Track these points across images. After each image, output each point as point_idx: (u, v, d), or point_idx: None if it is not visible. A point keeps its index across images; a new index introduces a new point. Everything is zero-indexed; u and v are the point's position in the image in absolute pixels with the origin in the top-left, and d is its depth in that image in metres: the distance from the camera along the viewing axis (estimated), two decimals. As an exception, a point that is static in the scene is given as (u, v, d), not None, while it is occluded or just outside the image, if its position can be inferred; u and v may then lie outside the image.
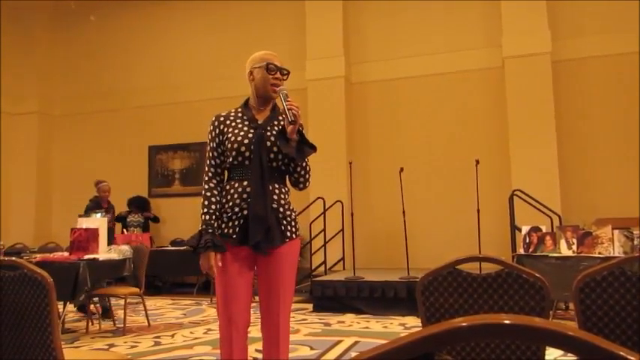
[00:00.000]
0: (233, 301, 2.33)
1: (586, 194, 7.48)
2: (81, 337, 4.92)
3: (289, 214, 2.36)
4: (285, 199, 2.37)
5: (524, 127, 7.56)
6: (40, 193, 10.35)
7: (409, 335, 0.61)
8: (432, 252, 7.41)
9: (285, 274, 2.34)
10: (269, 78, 2.41)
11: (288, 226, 2.35)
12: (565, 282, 4.31)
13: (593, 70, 7.70)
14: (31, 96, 10.44)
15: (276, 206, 2.32)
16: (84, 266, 4.82)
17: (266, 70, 2.42)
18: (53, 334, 1.81)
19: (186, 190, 9.67)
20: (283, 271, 2.33)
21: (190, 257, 9.04)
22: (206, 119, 10.20)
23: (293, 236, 2.35)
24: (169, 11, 10.06)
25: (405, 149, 8.35)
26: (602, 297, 1.43)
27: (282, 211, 2.34)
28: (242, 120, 2.45)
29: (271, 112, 2.49)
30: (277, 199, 2.33)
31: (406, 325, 5.37)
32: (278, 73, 2.44)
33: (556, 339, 0.57)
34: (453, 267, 1.62)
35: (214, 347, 4.43)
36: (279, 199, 2.34)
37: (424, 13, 8.56)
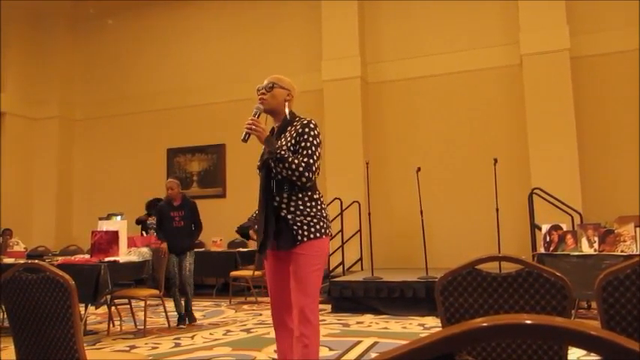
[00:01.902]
0: (271, 293, 2.74)
1: (607, 192, 7.36)
2: (102, 339, 4.99)
3: (301, 219, 2.57)
4: (295, 205, 2.59)
5: (543, 125, 7.46)
6: (61, 197, 10.51)
7: (430, 336, 0.60)
8: (451, 252, 7.36)
9: (299, 271, 2.56)
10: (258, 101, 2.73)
11: (300, 230, 2.56)
12: (587, 281, 4.25)
13: (614, 66, 7.57)
14: (52, 101, 10.62)
15: (285, 213, 2.58)
16: (105, 268, 4.89)
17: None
18: (76, 336, 1.84)
19: (205, 192, 9.74)
20: (297, 269, 2.57)
21: (209, 259, 9.06)
22: (223, 121, 10.30)
23: (304, 239, 2.56)
24: (186, 15, 10.15)
25: (422, 149, 8.31)
26: (626, 295, 1.41)
27: (292, 217, 2.57)
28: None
29: (280, 128, 2.75)
30: (286, 206, 2.59)
31: (425, 325, 5.35)
32: (263, 90, 2.75)
33: (578, 338, 0.57)
34: (472, 267, 1.61)
35: (234, 348, 4.45)
36: (288, 207, 2.59)
37: (440, 11, 8.51)
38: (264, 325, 5.49)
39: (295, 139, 2.62)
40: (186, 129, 9.92)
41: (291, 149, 2.61)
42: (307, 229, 2.57)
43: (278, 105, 2.73)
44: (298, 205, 2.60)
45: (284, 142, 2.63)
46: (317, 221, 2.61)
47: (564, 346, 1.45)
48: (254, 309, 6.68)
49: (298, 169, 2.53)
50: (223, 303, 7.27)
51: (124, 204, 9.28)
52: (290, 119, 2.73)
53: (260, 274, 7.30)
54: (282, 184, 2.61)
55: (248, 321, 5.79)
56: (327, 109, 8.45)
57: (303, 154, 2.58)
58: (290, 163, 2.53)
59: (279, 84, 2.77)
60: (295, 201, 2.60)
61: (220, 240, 8.54)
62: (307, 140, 2.61)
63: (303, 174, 2.54)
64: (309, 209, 2.60)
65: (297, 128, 2.66)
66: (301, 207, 2.60)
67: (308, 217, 2.59)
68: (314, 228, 2.58)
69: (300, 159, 2.56)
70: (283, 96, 2.76)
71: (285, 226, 2.58)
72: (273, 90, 2.73)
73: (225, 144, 9.63)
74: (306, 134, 2.62)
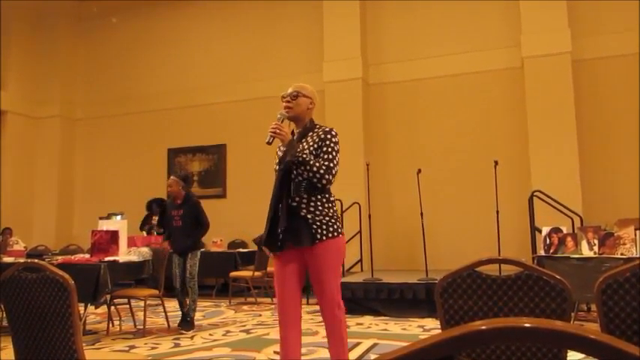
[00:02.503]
0: (278, 290, 2.86)
1: (607, 194, 7.36)
2: (102, 339, 4.99)
3: (320, 219, 2.77)
4: (314, 206, 2.78)
5: (544, 128, 7.47)
6: (61, 196, 10.52)
7: (429, 338, 0.60)
8: (452, 253, 7.35)
9: (321, 267, 2.77)
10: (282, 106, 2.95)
11: (319, 229, 2.75)
12: (587, 283, 4.24)
13: (615, 70, 7.57)
14: (54, 100, 10.63)
15: (305, 213, 2.76)
16: (104, 268, 4.89)
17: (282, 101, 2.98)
18: (75, 336, 1.84)
19: (205, 192, 9.74)
20: (320, 265, 2.77)
21: (209, 259, 9.05)
22: (224, 121, 10.31)
23: (323, 238, 2.75)
24: (189, 15, 10.16)
25: (423, 150, 8.31)
26: (625, 299, 1.40)
27: (310, 217, 2.76)
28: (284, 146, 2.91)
29: (300, 133, 2.95)
30: (305, 206, 2.77)
31: (425, 327, 5.34)
32: (287, 97, 2.96)
33: (577, 342, 0.57)
34: (472, 269, 1.61)
35: (233, 349, 4.45)
36: (307, 207, 2.77)
37: (442, 13, 8.51)
38: (263, 326, 5.48)
39: (317, 144, 2.83)
40: (188, 129, 9.93)
41: (313, 153, 2.81)
42: (326, 228, 2.77)
43: (301, 112, 2.94)
44: (317, 205, 2.79)
45: (305, 147, 2.84)
46: (334, 221, 2.82)
47: (563, 349, 1.45)
48: (254, 309, 6.68)
49: (319, 171, 2.74)
50: (223, 303, 7.27)
51: (124, 203, 9.29)
52: (311, 126, 2.95)
53: (260, 275, 7.31)
54: (301, 185, 2.79)
55: (248, 322, 5.79)
56: (328, 111, 8.45)
57: (324, 158, 2.79)
58: (312, 166, 2.73)
59: (303, 92, 2.98)
60: (314, 202, 2.79)
61: (220, 240, 8.54)
62: (329, 146, 2.82)
63: (324, 176, 2.75)
64: (327, 210, 2.81)
65: (319, 134, 2.86)
66: (320, 207, 2.79)
67: (327, 217, 2.79)
68: (332, 227, 2.79)
69: (321, 162, 2.76)
70: (306, 104, 2.97)
71: (305, 225, 2.75)
72: (297, 98, 2.94)
73: (226, 144, 9.64)
74: (328, 140, 2.83)
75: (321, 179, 2.75)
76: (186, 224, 5.46)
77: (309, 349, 4.39)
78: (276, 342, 4.68)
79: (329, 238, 2.77)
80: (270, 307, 6.90)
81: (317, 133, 2.89)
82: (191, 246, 5.46)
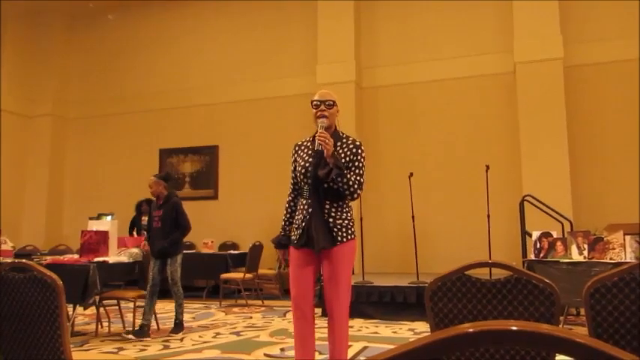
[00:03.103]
0: (295, 286, 3.03)
1: (597, 200, 7.41)
2: (90, 340, 4.95)
3: (340, 223, 2.99)
4: (336, 211, 3.00)
5: (536, 132, 7.51)
6: (52, 195, 10.44)
7: (417, 340, 0.60)
8: (443, 257, 7.38)
9: (338, 268, 2.97)
10: (314, 112, 3.04)
11: (339, 232, 2.97)
12: (576, 288, 4.27)
13: (606, 76, 7.64)
14: (46, 98, 10.57)
15: (327, 217, 2.98)
16: (94, 269, 4.85)
17: (314, 107, 3.07)
18: (62, 337, 1.82)
19: (197, 193, 9.71)
20: (337, 265, 2.97)
21: (200, 261, 8.99)
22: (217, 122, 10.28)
23: (344, 240, 2.97)
24: (184, 16, 10.14)
25: (415, 154, 8.33)
26: (613, 303, 1.41)
27: (333, 221, 2.98)
28: (308, 148, 3.10)
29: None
30: (328, 211, 2.99)
31: (415, 330, 5.35)
32: (322, 106, 3.04)
33: (563, 346, 0.57)
34: (461, 272, 1.61)
35: (223, 351, 4.43)
36: (329, 211, 2.99)
37: (435, 18, 8.55)
38: (254, 329, 5.47)
39: (349, 157, 3.00)
40: (180, 130, 9.90)
41: (346, 165, 2.99)
42: (345, 232, 3.00)
43: (333, 121, 3.09)
44: (338, 210, 3.01)
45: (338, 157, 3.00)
46: (351, 225, 3.05)
47: (551, 353, 1.45)
48: (244, 312, 6.66)
49: (354, 185, 2.95)
50: (213, 305, 7.24)
51: (115, 204, 9.23)
52: (339, 135, 3.10)
53: (251, 277, 7.30)
54: (331, 193, 2.99)
55: (238, 324, 5.77)
56: (320, 113, 8.45)
57: (356, 173, 2.98)
58: (348, 180, 2.93)
59: (335, 100, 3.11)
60: (336, 207, 3.01)
61: (211, 242, 8.51)
62: (360, 161, 3.02)
63: (357, 190, 2.97)
64: (345, 214, 3.03)
65: (350, 147, 3.03)
66: (340, 212, 3.01)
67: (345, 221, 3.01)
68: (350, 230, 3.02)
69: (355, 177, 2.96)
70: (336, 112, 3.12)
71: (327, 228, 2.97)
72: (332, 107, 3.07)
73: (219, 145, 9.61)
74: (359, 155, 3.02)
75: (353, 193, 2.96)
76: (165, 225, 5.21)
77: (299, 352, 4.37)
78: (266, 344, 4.67)
79: (347, 240, 2.99)
80: (261, 309, 6.88)
81: (347, 144, 3.05)
82: (170, 250, 5.17)
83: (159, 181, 5.40)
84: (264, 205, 9.08)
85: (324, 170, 2.93)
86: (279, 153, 9.12)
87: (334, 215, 3.00)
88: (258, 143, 9.31)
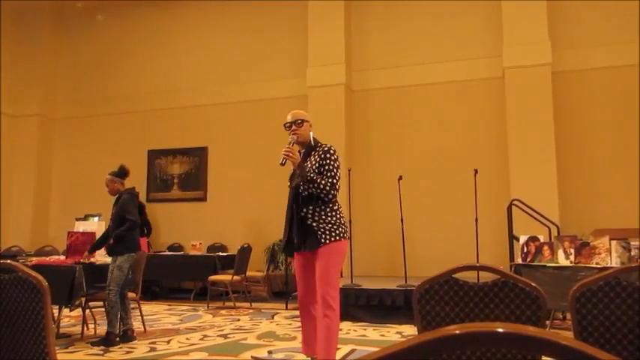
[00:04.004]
0: (299, 287, 3.46)
1: (584, 205, 7.49)
2: (76, 342, 4.90)
3: (324, 226, 3.29)
4: (319, 215, 3.31)
5: (524, 137, 7.57)
6: (38, 196, 10.33)
7: (404, 342, 0.60)
8: (431, 260, 7.40)
9: (323, 266, 3.27)
10: (289, 133, 3.48)
11: (323, 235, 3.28)
12: (562, 292, 4.30)
13: (593, 82, 7.73)
14: (33, 98, 10.45)
15: (310, 222, 3.30)
16: (80, 270, 4.81)
17: (286, 129, 3.51)
18: (47, 339, 1.80)
19: (185, 195, 9.66)
20: (321, 265, 3.28)
21: (188, 263, 8.92)
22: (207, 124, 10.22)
23: (327, 241, 3.28)
24: (174, 16, 10.10)
25: (404, 157, 8.36)
26: (598, 307, 1.43)
27: (316, 225, 3.29)
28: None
29: (305, 153, 3.47)
30: (312, 216, 3.31)
31: (403, 333, 5.36)
32: (293, 125, 3.47)
33: (549, 348, 0.57)
34: (449, 276, 1.62)
35: (210, 353, 4.41)
36: (313, 216, 3.31)
37: (426, 22, 8.60)
38: (241, 331, 5.44)
39: (319, 162, 3.34)
40: (169, 131, 9.84)
41: (316, 170, 3.33)
42: (329, 234, 3.28)
43: (306, 135, 3.50)
44: (321, 215, 3.31)
45: (309, 165, 3.35)
46: (336, 227, 3.32)
47: (537, 356, 1.46)
48: (232, 314, 6.63)
49: (326, 187, 3.27)
50: (201, 307, 7.20)
51: (102, 205, 9.12)
52: (314, 145, 3.48)
53: (239, 279, 7.27)
54: (309, 199, 3.31)
55: (225, 326, 5.74)
56: (310, 116, 8.45)
57: (327, 175, 3.30)
58: (319, 184, 3.25)
59: (304, 118, 3.52)
60: (319, 212, 3.31)
61: (200, 244, 8.48)
62: (329, 164, 3.33)
63: (330, 191, 3.29)
64: (330, 218, 3.32)
65: (319, 153, 3.38)
66: (323, 216, 3.31)
67: (329, 224, 3.30)
68: (334, 233, 3.30)
69: (326, 180, 3.28)
70: (308, 127, 3.52)
71: (311, 232, 3.28)
72: (302, 124, 3.47)
73: (208, 147, 9.58)
74: (328, 159, 3.34)
75: (327, 194, 3.29)
76: (115, 223, 4.92)
77: (287, 354, 4.37)
78: (253, 347, 4.65)
79: (331, 242, 3.28)
80: (249, 311, 6.85)
81: (318, 152, 3.40)
82: (115, 249, 4.81)
83: (113, 179, 5.15)
84: (253, 208, 9.06)
85: (297, 180, 3.32)
86: (268, 155, 9.10)
87: (317, 219, 3.30)
88: (248, 145, 9.29)
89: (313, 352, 3.41)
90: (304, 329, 3.46)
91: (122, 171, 5.26)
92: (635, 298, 1.42)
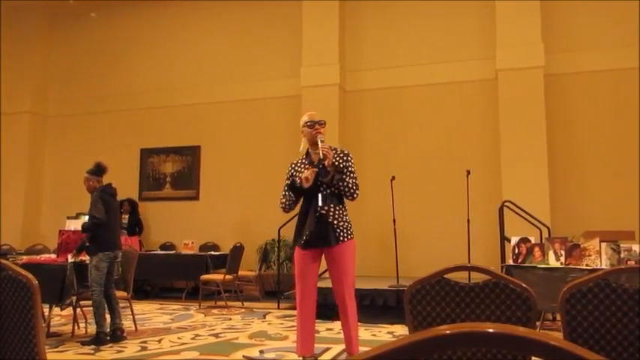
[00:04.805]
0: (300, 283, 3.60)
1: (575, 207, 7.53)
2: (66, 341, 4.87)
3: (342, 224, 3.53)
4: (338, 213, 3.53)
5: (516, 139, 7.61)
6: (29, 194, 10.26)
7: (395, 341, 0.61)
8: (423, 261, 7.41)
9: (343, 264, 3.49)
10: (310, 131, 3.64)
11: (341, 232, 3.51)
12: (553, 293, 4.32)
13: (585, 85, 7.78)
14: (24, 95, 10.38)
15: (331, 219, 3.50)
16: (71, 269, 4.79)
17: (308, 127, 3.65)
18: (37, 338, 1.79)
19: (177, 194, 9.63)
20: (341, 262, 3.50)
21: (180, 262, 8.88)
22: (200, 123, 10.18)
23: (344, 239, 3.51)
24: (166, 15, 10.06)
25: (397, 158, 8.37)
26: (588, 308, 1.44)
27: (335, 223, 3.51)
28: (304, 164, 3.65)
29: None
30: (332, 214, 3.51)
31: (394, 333, 5.37)
32: (316, 125, 3.63)
33: (539, 348, 0.57)
34: (440, 276, 1.63)
35: (202, 353, 4.40)
36: (333, 214, 3.51)
37: (420, 23, 8.62)
38: (233, 330, 5.44)
39: (342, 164, 3.56)
40: (162, 129, 9.81)
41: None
42: (346, 231, 3.54)
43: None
44: (340, 213, 3.54)
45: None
46: (350, 226, 3.58)
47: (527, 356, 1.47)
48: (224, 313, 6.62)
49: (352, 187, 3.55)
50: (193, 307, 7.18)
51: (94, 203, 9.10)
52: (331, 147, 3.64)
53: (231, 278, 7.26)
54: (331, 198, 3.51)
55: (217, 325, 5.73)
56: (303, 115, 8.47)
57: (351, 177, 3.56)
58: (348, 183, 3.53)
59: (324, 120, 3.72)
60: (338, 211, 3.54)
61: (192, 243, 8.45)
62: (351, 166, 3.60)
63: (356, 191, 3.58)
64: (345, 217, 3.57)
65: (340, 156, 3.60)
66: (341, 214, 3.54)
67: (346, 222, 3.55)
68: (350, 231, 3.56)
69: (352, 180, 3.55)
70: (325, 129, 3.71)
71: (331, 229, 3.48)
72: (324, 126, 3.67)
73: (201, 146, 9.55)
74: (350, 161, 3.61)
75: (353, 193, 3.56)
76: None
77: (278, 354, 4.37)
78: (245, 346, 4.65)
79: (348, 240, 3.52)
80: (241, 311, 6.84)
81: (338, 154, 3.60)
82: (90, 248, 4.77)
83: (89, 177, 5.10)
84: (245, 207, 9.05)
85: (326, 177, 3.47)
86: (261, 155, 9.09)
87: (338, 217, 3.51)
88: (241, 144, 9.27)
89: (309, 352, 3.55)
90: (303, 329, 3.54)
91: (97, 168, 5.21)
92: (624, 299, 1.43)
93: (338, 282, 3.50)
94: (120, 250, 4.99)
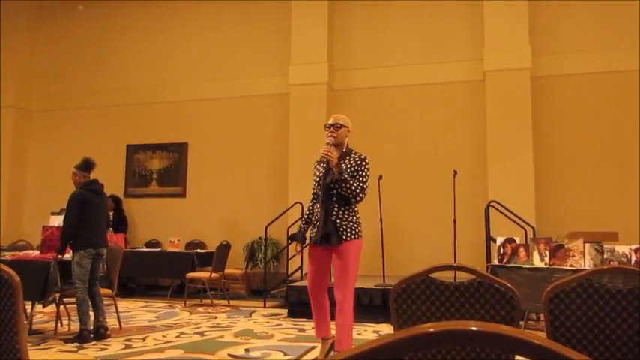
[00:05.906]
0: (311, 278, 3.79)
1: (560, 208, 7.61)
2: (49, 339, 4.82)
3: (346, 224, 3.66)
4: (343, 214, 3.67)
5: (502, 140, 7.67)
6: (12, 189, 10.11)
7: (379, 339, 0.61)
8: (409, 260, 7.45)
9: (344, 262, 3.64)
10: (326, 134, 3.83)
11: (345, 232, 3.65)
12: (537, 293, 4.37)
13: (571, 87, 7.86)
14: (9, 89, 10.22)
15: (335, 219, 3.65)
16: (54, 265, 4.73)
17: (325, 129, 3.87)
18: (18, 334, 1.77)
19: (164, 190, 9.57)
20: (343, 260, 3.64)
21: (165, 259, 8.84)
22: (187, 120, 10.12)
23: (348, 238, 3.65)
24: (154, 11, 9.98)
25: (385, 157, 8.38)
26: (571, 307, 1.45)
27: (340, 222, 3.66)
28: (323, 163, 3.83)
29: (339, 157, 3.76)
30: (336, 214, 3.67)
31: (380, 332, 5.39)
32: (332, 128, 3.80)
33: (522, 347, 0.58)
34: (426, 275, 1.63)
35: (186, 351, 4.38)
36: (337, 214, 3.67)
37: (409, 23, 8.65)
38: (218, 328, 5.42)
39: (354, 167, 3.72)
40: (149, 126, 9.72)
41: (350, 174, 3.68)
42: (350, 232, 3.66)
43: (342, 139, 3.84)
44: (345, 214, 3.67)
45: (344, 168, 3.70)
46: (357, 226, 3.71)
47: (511, 355, 1.49)
48: (209, 311, 6.59)
49: (356, 190, 3.64)
50: (178, 305, 7.14)
51: (79, 200, 9.00)
52: (348, 151, 3.83)
53: (217, 276, 7.23)
54: (338, 198, 3.66)
55: (202, 323, 5.71)
56: (292, 113, 8.46)
57: (359, 180, 3.68)
58: (351, 185, 3.63)
59: (344, 123, 3.85)
60: (344, 212, 3.67)
61: (178, 240, 8.40)
62: (363, 171, 3.73)
63: (359, 194, 3.66)
64: (352, 217, 3.70)
65: (355, 160, 3.75)
66: (347, 215, 3.68)
67: (350, 223, 3.67)
68: (355, 231, 3.68)
69: (358, 184, 3.66)
70: (345, 133, 3.85)
71: (335, 229, 3.63)
72: (340, 129, 3.80)
73: (188, 143, 9.49)
74: (363, 166, 3.74)
75: (356, 197, 3.65)
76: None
77: (264, 352, 4.36)
78: (230, 344, 4.63)
79: (352, 239, 3.64)
80: (227, 309, 6.82)
81: (354, 157, 3.77)
82: (73, 245, 4.74)
83: (75, 172, 5.07)
84: (232, 205, 9.01)
85: (331, 178, 3.63)
86: (249, 152, 9.06)
87: (341, 217, 3.65)
88: (229, 142, 9.23)
89: (326, 334, 3.85)
90: (316, 315, 3.82)
91: (84, 164, 5.16)
92: (606, 299, 1.45)
93: (337, 279, 3.65)
94: (105, 247, 4.95)
